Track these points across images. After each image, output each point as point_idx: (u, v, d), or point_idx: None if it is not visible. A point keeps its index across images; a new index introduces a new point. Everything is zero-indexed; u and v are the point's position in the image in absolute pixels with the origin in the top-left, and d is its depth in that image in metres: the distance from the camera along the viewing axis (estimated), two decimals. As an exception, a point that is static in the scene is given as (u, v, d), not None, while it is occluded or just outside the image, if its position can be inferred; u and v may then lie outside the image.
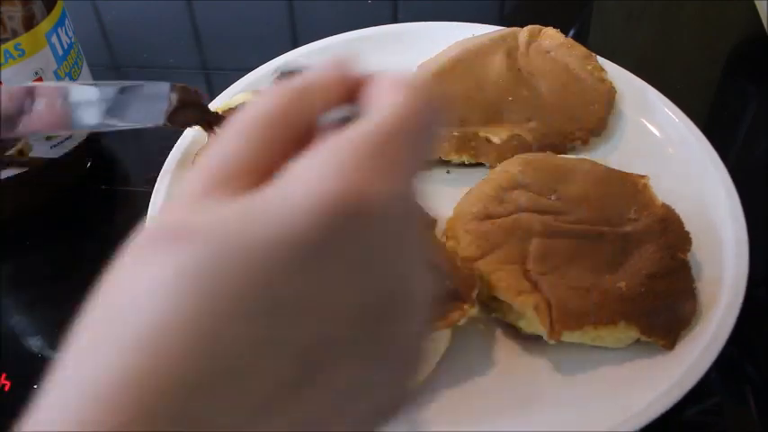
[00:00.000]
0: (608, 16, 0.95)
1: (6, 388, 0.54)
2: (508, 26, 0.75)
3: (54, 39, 0.61)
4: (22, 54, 0.58)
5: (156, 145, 0.77)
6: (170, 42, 0.90)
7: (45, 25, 0.59)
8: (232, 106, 0.67)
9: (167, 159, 0.66)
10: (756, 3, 0.89)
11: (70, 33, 0.64)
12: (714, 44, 0.88)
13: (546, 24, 0.75)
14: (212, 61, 0.88)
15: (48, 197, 0.67)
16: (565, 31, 0.75)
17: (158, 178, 0.64)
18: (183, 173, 0.65)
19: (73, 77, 0.64)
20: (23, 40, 0.58)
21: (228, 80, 0.75)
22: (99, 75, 0.70)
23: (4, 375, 0.55)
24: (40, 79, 0.60)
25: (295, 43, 0.90)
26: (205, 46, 0.91)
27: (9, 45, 0.57)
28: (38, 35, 0.59)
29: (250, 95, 0.68)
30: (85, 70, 0.67)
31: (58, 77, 0.62)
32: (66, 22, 0.63)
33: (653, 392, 0.49)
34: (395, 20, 0.94)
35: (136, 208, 0.66)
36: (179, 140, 0.67)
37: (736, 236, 0.58)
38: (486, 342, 0.54)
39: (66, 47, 0.63)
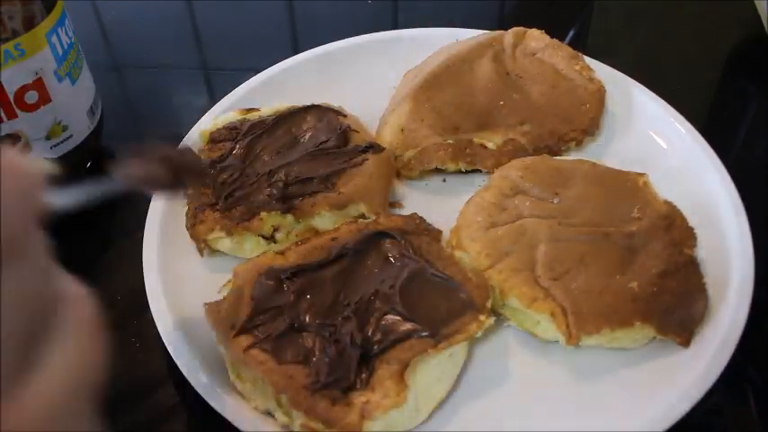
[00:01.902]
0: (608, 16, 0.95)
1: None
2: (508, 26, 0.75)
3: (54, 39, 0.61)
4: (23, 54, 0.58)
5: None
6: (170, 42, 0.90)
7: (45, 25, 0.59)
8: (220, 126, 0.67)
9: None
10: (756, 3, 0.89)
11: (70, 33, 0.64)
12: (714, 44, 0.88)
13: (546, 25, 0.75)
14: (212, 61, 0.88)
15: None
16: (565, 31, 0.75)
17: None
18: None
19: (73, 77, 0.64)
20: (23, 40, 0.58)
21: (228, 80, 0.75)
22: (99, 75, 0.70)
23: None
24: (39, 79, 0.60)
25: (295, 43, 0.90)
26: (205, 46, 0.91)
27: (9, 45, 0.57)
28: (38, 35, 0.59)
29: (238, 114, 0.68)
30: (86, 70, 0.67)
31: (59, 77, 0.62)
32: (66, 22, 0.63)
33: (677, 390, 0.50)
34: (395, 21, 0.94)
35: (136, 208, 0.66)
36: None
37: (739, 230, 0.59)
38: (501, 352, 0.54)
39: (66, 47, 0.63)
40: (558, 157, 0.64)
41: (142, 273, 0.58)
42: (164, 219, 0.61)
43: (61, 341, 0.24)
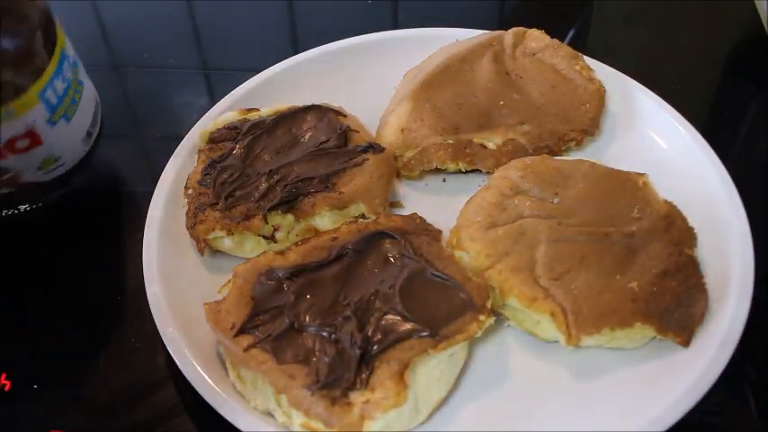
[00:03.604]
0: (608, 16, 0.95)
1: (6, 388, 0.54)
2: (508, 26, 0.75)
3: (48, 93, 0.58)
4: (11, 114, 0.55)
5: (158, 145, 0.77)
6: (170, 42, 0.90)
7: (39, 85, 0.56)
8: (220, 126, 0.67)
9: (166, 167, 0.66)
10: (756, 3, 0.89)
11: (68, 75, 0.61)
12: (714, 44, 0.88)
13: (546, 25, 0.75)
14: (212, 61, 0.88)
15: (42, 204, 0.65)
16: (565, 31, 0.75)
17: (158, 183, 0.64)
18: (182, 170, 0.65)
19: (68, 115, 0.61)
20: (13, 104, 0.55)
21: (228, 80, 0.75)
22: (99, 75, 0.70)
23: (4, 375, 0.55)
24: (31, 130, 0.57)
25: (295, 43, 0.90)
26: (205, 46, 0.91)
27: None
28: (29, 96, 0.56)
29: (238, 114, 0.68)
30: (86, 97, 0.64)
31: (52, 123, 0.59)
32: (65, 64, 0.60)
33: (677, 390, 0.50)
34: (395, 20, 0.94)
35: (136, 208, 0.66)
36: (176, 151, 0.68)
37: (739, 230, 0.59)
38: (501, 352, 0.54)
39: (61, 92, 0.59)
40: (558, 157, 0.64)
41: (142, 273, 0.58)
42: (164, 219, 0.61)
43: None
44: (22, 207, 0.64)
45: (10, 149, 0.58)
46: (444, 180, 0.67)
